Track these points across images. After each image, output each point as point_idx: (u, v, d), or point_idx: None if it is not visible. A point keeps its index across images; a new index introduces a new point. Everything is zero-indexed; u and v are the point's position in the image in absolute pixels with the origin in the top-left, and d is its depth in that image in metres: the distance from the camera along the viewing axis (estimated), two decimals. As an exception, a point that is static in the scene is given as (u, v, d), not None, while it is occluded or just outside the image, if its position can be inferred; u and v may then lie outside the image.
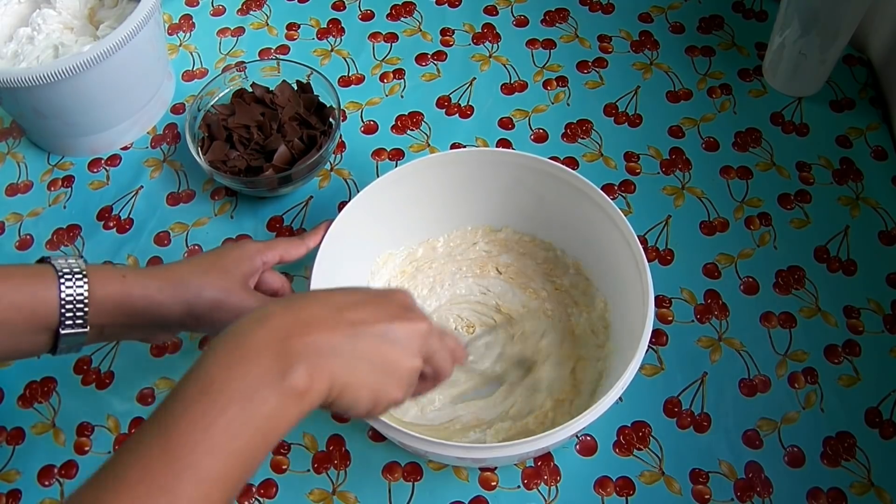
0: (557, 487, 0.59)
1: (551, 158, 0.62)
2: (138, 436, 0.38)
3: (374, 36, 0.85)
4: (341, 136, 0.78)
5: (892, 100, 0.75)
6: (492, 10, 0.86)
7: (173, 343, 0.67)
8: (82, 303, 0.49)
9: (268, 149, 0.72)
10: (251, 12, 0.88)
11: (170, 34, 0.87)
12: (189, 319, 0.54)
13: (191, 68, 0.84)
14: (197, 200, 0.75)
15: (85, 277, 0.49)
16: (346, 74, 0.82)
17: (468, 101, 0.80)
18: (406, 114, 0.79)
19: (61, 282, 0.48)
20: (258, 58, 0.84)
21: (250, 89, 0.75)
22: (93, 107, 0.73)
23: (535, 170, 0.62)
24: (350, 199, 0.61)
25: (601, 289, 0.63)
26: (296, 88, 0.76)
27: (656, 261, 0.68)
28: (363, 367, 0.42)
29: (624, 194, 0.72)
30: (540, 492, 0.59)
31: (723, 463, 0.59)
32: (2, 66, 0.75)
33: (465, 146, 0.76)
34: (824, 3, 0.67)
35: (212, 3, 0.89)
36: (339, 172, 0.76)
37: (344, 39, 0.85)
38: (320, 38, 0.86)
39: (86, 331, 0.49)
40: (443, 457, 0.54)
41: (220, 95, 0.76)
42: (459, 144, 0.76)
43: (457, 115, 0.79)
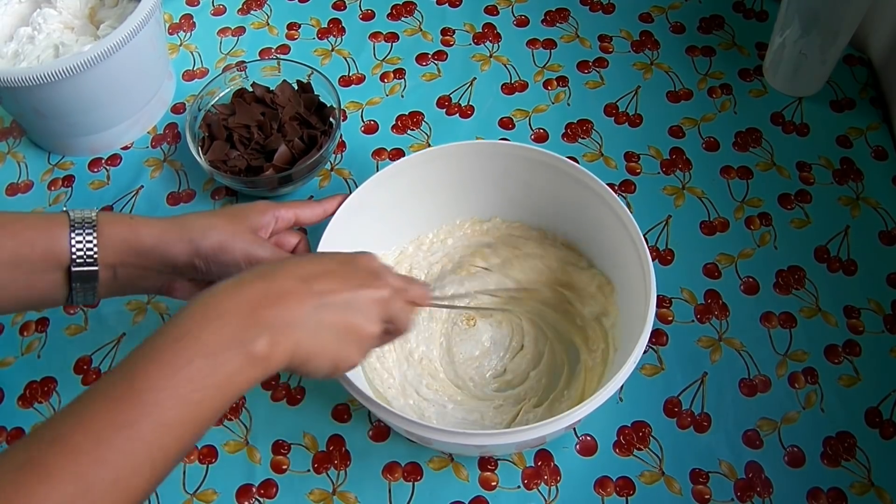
0: (557, 487, 0.59)
1: (551, 158, 0.62)
2: (107, 376, 0.40)
3: (374, 36, 0.85)
4: (342, 136, 0.78)
5: (893, 100, 0.75)
6: (492, 10, 0.86)
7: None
8: (91, 241, 0.51)
9: (268, 148, 0.72)
10: (252, 12, 0.88)
11: (170, 34, 0.87)
12: (198, 261, 0.55)
13: (191, 68, 0.84)
14: (197, 200, 0.75)
15: (94, 221, 0.52)
16: (347, 74, 0.82)
17: (469, 101, 0.80)
18: (406, 114, 0.79)
19: (72, 222, 0.51)
20: (259, 57, 0.84)
21: (251, 89, 0.75)
22: (93, 106, 0.73)
23: (525, 159, 0.63)
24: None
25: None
26: (296, 88, 0.76)
27: (656, 261, 0.68)
28: (326, 336, 0.45)
29: (624, 194, 0.72)
30: (540, 492, 0.59)
31: (723, 463, 0.59)
32: (2, 65, 0.75)
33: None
34: (825, 3, 0.67)
35: (212, 2, 0.89)
36: (340, 172, 0.76)
37: (344, 39, 0.85)
38: (321, 38, 0.86)
39: (96, 269, 0.52)
40: (445, 444, 0.54)
41: (221, 95, 0.76)
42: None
43: (457, 114, 0.79)
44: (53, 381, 0.66)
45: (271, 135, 0.72)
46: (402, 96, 0.80)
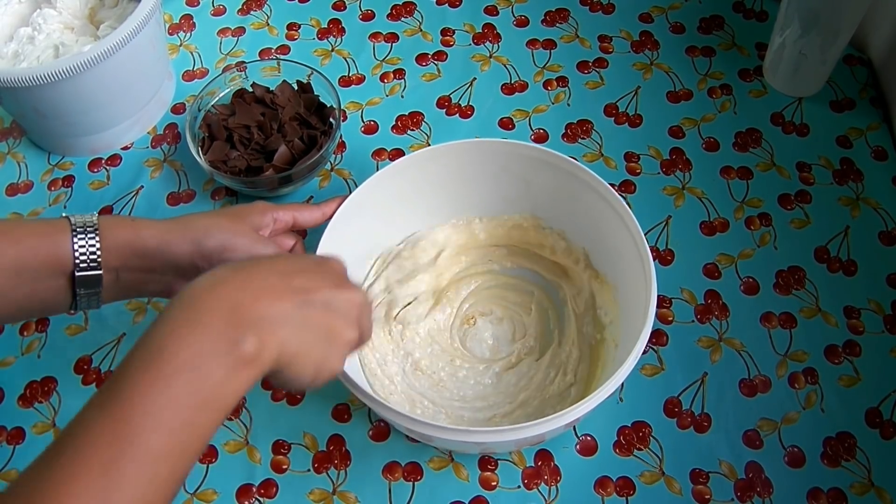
0: (557, 487, 0.59)
1: (552, 158, 0.62)
2: (86, 410, 0.38)
3: (374, 36, 0.85)
4: (342, 136, 0.78)
5: (893, 100, 0.75)
6: (492, 11, 0.86)
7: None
8: (94, 244, 0.50)
9: (268, 149, 0.72)
10: (252, 12, 0.88)
11: (170, 34, 0.87)
12: (201, 261, 0.54)
13: (191, 68, 0.84)
14: (197, 200, 0.75)
15: (96, 225, 0.51)
16: (347, 74, 0.82)
17: (468, 102, 0.80)
18: (406, 114, 0.79)
19: (73, 226, 0.50)
20: (258, 58, 0.84)
21: (251, 89, 0.75)
22: (93, 107, 0.73)
23: (525, 157, 0.63)
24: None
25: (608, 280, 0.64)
26: (296, 88, 0.76)
27: (656, 261, 0.68)
28: (309, 336, 0.43)
29: (624, 194, 0.72)
30: (540, 492, 0.59)
31: (723, 463, 0.59)
32: (2, 66, 0.75)
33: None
34: (825, 3, 0.67)
35: (212, 2, 0.89)
36: (340, 172, 0.76)
37: (344, 39, 0.85)
38: (321, 38, 0.86)
39: (100, 273, 0.51)
40: (445, 441, 0.54)
41: (221, 95, 0.76)
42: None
43: (457, 115, 0.79)
44: (54, 381, 0.66)
45: (271, 135, 0.72)
46: (402, 97, 0.80)
